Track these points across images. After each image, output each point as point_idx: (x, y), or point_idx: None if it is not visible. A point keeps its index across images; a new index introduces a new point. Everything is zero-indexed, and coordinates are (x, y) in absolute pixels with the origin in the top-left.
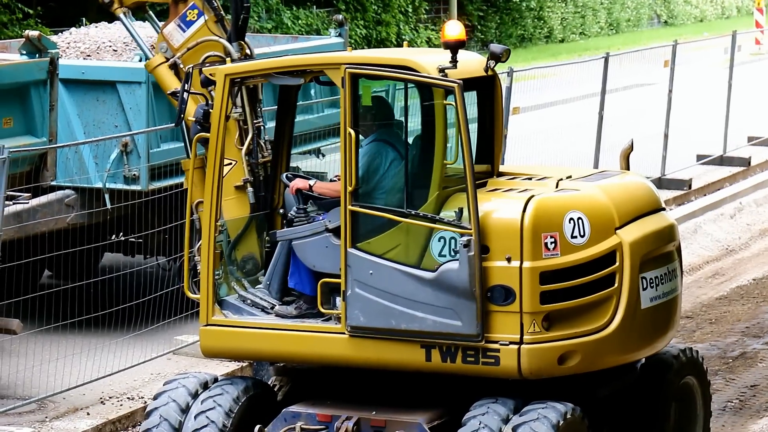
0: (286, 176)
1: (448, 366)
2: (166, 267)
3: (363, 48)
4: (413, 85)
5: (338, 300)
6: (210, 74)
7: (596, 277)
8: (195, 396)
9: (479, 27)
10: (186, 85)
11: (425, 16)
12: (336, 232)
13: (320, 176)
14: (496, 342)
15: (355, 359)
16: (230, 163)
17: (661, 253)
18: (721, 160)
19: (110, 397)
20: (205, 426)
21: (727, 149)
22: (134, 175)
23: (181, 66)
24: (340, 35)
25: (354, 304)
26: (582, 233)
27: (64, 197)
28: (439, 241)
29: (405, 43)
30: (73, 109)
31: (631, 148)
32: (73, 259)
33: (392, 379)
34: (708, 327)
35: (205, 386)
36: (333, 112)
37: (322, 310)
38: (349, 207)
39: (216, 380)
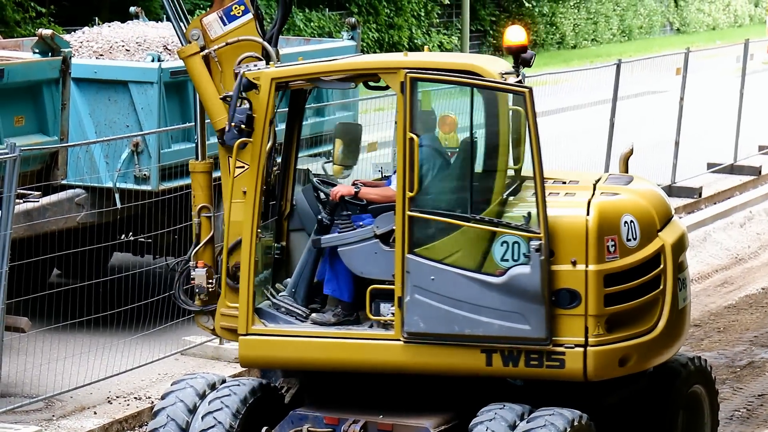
0: (318, 181)
1: (509, 370)
2: (176, 268)
3: (375, 51)
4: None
5: (385, 306)
6: (254, 78)
7: (649, 278)
8: (203, 396)
9: (491, 32)
10: (239, 89)
11: (437, 20)
12: (384, 238)
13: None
14: (561, 345)
15: (410, 366)
16: (242, 167)
17: (683, 257)
18: (732, 169)
19: (117, 397)
20: (213, 426)
21: (737, 158)
22: (145, 175)
23: (215, 59)
24: (352, 38)
25: (413, 310)
26: (634, 236)
27: (75, 196)
28: (501, 245)
29: (425, 48)
30: (84, 108)
31: (631, 152)
32: (82, 258)
33: (399, 384)
34: (716, 336)
35: (213, 387)
36: (344, 114)
37: (371, 317)
38: (409, 213)
39: (224, 381)
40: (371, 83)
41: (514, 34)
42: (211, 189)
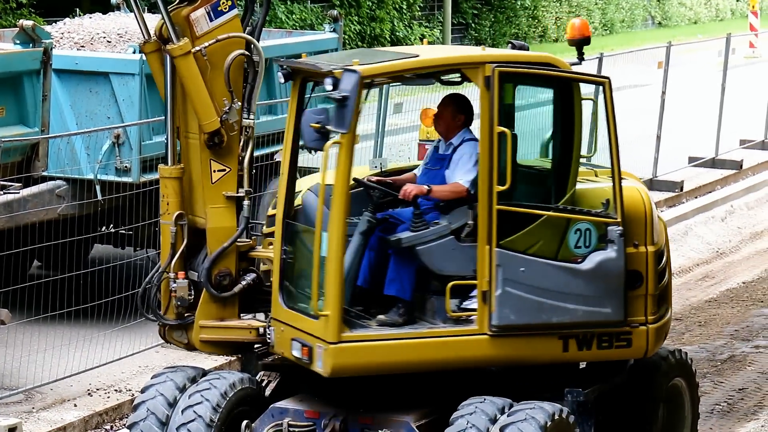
0: (367, 180)
1: (583, 354)
2: (156, 260)
3: (357, 44)
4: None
5: (467, 302)
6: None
7: (668, 257)
8: (183, 390)
9: (473, 25)
10: (358, 89)
11: (419, 13)
12: (457, 233)
13: (312, 171)
14: (628, 325)
15: (494, 359)
16: (223, 170)
17: None
18: (713, 163)
19: (98, 389)
20: (193, 420)
21: (719, 152)
22: (126, 166)
23: (205, 57)
24: (334, 31)
25: (504, 303)
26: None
27: (55, 188)
28: (575, 233)
29: (424, 41)
30: (65, 99)
31: None
32: (62, 249)
33: (380, 378)
34: (697, 329)
35: (193, 380)
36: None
37: (452, 314)
38: (497, 207)
39: (204, 374)
40: (443, 78)
41: (578, 27)
42: (182, 195)
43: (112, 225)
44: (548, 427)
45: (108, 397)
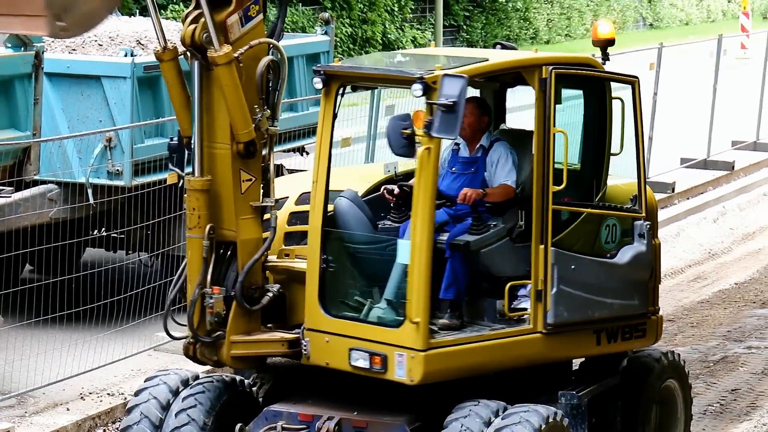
0: (405, 186)
1: (611, 347)
2: (148, 263)
3: (348, 47)
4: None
5: (522, 301)
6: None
7: None
8: (176, 393)
9: (465, 27)
10: (464, 92)
11: (411, 15)
12: (509, 234)
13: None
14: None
15: (545, 356)
16: (250, 179)
17: None
18: (705, 164)
19: (90, 393)
20: (186, 424)
21: (711, 153)
22: (118, 170)
23: (241, 64)
24: (326, 33)
25: (559, 301)
26: None
27: (47, 191)
28: (605, 229)
29: (431, 43)
30: (57, 103)
31: None
32: (54, 253)
33: (373, 380)
34: (690, 330)
35: (186, 383)
36: (317, 110)
37: (509, 314)
38: (553, 206)
39: (197, 378)
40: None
41: (603, 28)
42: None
43: (104, 229)
44: (542, 430)
45: (101, 401)
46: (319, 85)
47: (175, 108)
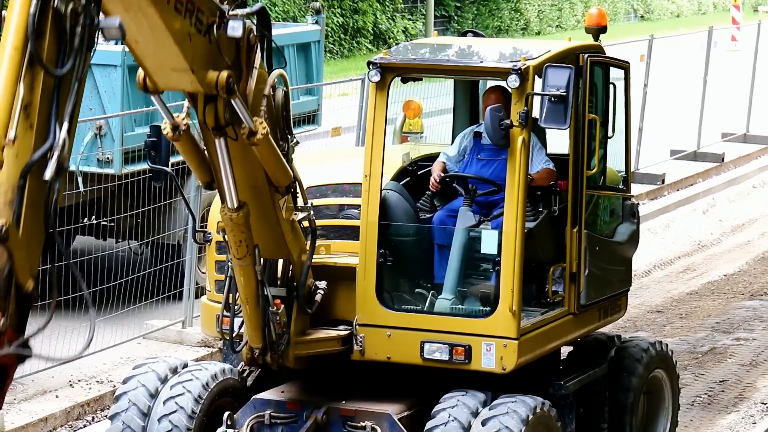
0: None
1: (604, 321)
2: (138, 251)
3: (340, 36)
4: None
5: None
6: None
7: None
8: (164, 381)
9: (456, 18)
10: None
11: (402, 5)
12: (550, 218)
13: None
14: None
15: (574, 337)
16: (284, 200)
17: None
18: (695, 156)
19: (79, 380)
20: (174, 411)
21: (700, 145)
22: (108, 158)
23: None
24: (317, 23)
25: (589, 283)
26: None
27: None
28: (604, 209)
29: (435, 33)
30: None
31: None
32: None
33: (361, 369)
34: (678, 321)
35: (175, 371)
36: (308, 99)
37: (552, 298)
38: (588, 191)
39: (185, 365)
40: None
41: (595, 16)
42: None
43: (94, 216)
44: (530, 421)
45: (89, 389)
46: (376, 78)
47: (192, 167)
